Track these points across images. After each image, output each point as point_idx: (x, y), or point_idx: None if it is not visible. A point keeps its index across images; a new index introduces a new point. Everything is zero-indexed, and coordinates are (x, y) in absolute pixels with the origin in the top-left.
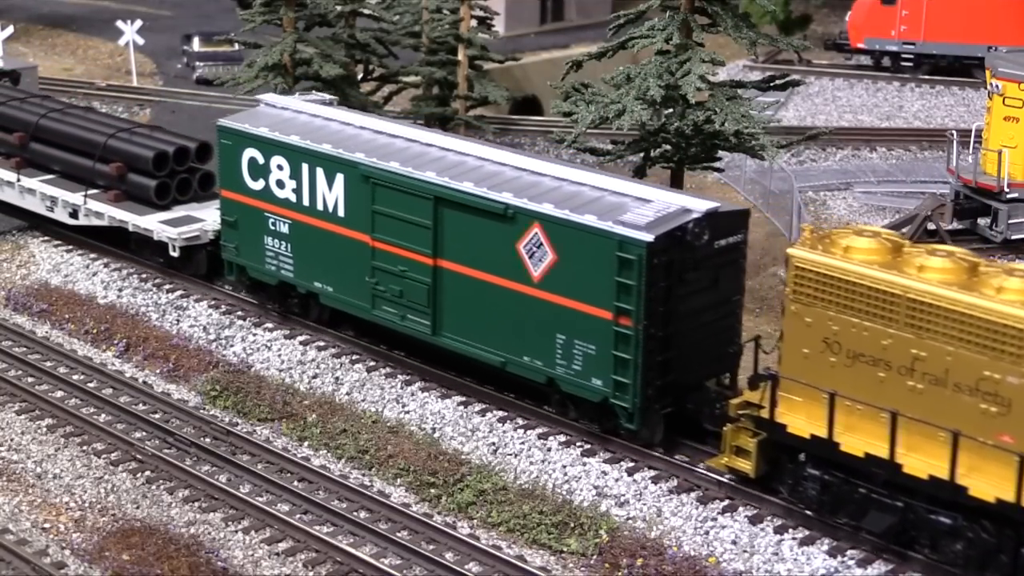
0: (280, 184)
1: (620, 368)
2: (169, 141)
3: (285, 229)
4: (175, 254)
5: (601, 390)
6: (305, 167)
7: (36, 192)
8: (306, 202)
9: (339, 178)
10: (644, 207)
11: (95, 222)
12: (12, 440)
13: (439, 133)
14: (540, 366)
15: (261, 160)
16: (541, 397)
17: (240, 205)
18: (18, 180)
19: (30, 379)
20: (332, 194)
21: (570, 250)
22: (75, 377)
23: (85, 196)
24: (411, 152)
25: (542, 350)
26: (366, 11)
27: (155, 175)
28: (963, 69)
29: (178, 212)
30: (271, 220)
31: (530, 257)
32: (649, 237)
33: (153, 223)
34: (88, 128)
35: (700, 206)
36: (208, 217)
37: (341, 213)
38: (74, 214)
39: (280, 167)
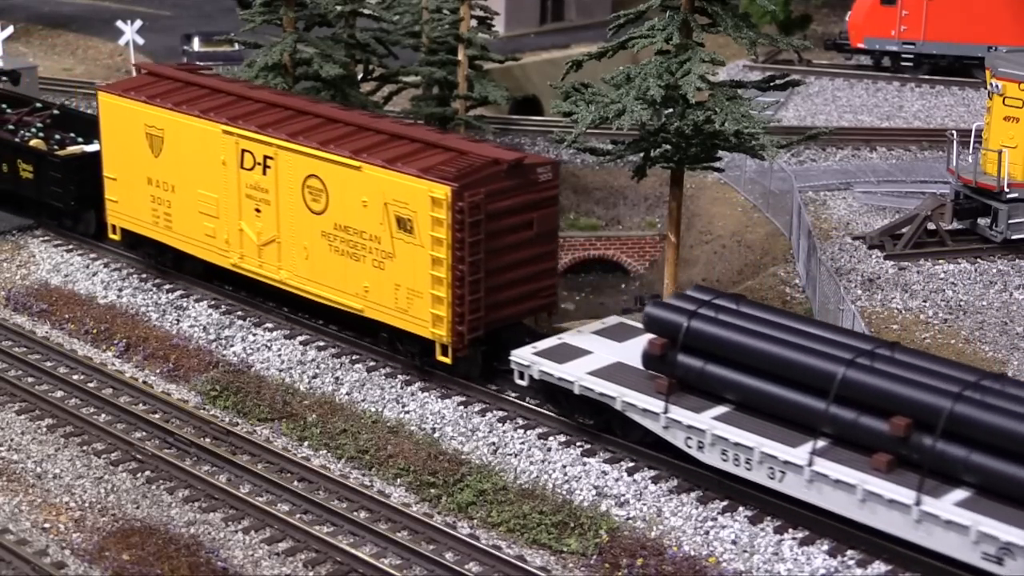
0: None
1: None
2: None
3: None
4: None
5: None
6: None
7: (970, 530)
8: None
9: None
10: None
11: None
12: (12, 440)
13: None
14: None
15: None
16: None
17: None
18: (917, 503)
19: (30, 379)
20: None
21: None
22: (75, 377)
23: None
24: None
25: None
26: (366, 11)
27: None
28: (963, 69)
29: None
30: None
31: None
32: None
33: None
34: None
35: None
36: None
37: None
38: None
39: None
